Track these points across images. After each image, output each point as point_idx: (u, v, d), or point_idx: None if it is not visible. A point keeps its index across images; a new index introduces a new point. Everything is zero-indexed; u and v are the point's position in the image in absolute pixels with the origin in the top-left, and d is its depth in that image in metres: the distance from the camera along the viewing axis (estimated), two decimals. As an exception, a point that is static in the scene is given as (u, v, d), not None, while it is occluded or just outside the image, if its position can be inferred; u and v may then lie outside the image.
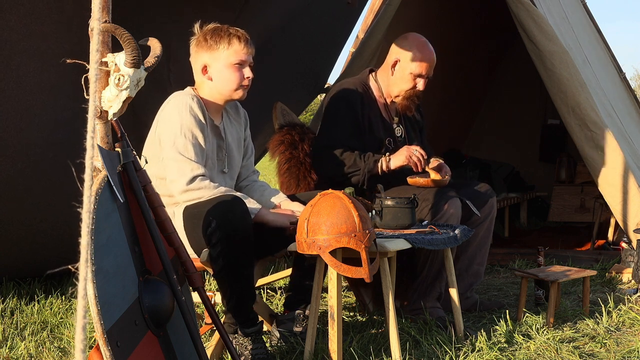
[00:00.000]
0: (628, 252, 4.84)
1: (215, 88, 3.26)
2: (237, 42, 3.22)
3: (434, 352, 3.22)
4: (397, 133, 4.06)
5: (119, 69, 2.26)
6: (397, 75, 3.96)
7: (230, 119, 3.42)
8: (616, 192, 4.83)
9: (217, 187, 3.10)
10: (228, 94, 3.27)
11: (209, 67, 3.24)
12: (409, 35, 4.00)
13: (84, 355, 1.48)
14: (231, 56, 3.22)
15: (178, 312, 2.49)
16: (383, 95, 4.05)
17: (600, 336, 3.49)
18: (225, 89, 3.26)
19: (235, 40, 3.22)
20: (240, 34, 3.24)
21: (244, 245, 2.97)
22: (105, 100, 2.28)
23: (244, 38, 3.24)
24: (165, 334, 2.43)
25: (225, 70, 3.23)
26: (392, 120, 4.07)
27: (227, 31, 3.24)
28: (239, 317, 3.07)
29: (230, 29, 3.25)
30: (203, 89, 3.28)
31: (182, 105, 3.14)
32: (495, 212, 4.06)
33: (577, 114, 4.90)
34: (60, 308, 4.08)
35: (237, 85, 3.26)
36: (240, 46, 3.22)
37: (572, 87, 4.89)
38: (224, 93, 3.27)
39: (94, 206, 2.13)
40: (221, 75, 3.23)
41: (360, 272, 2.90)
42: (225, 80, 3.24)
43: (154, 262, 2.47)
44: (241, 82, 3.26)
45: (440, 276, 3.79)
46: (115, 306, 2.18)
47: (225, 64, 3.22)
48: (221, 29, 3.26)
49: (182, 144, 3.09)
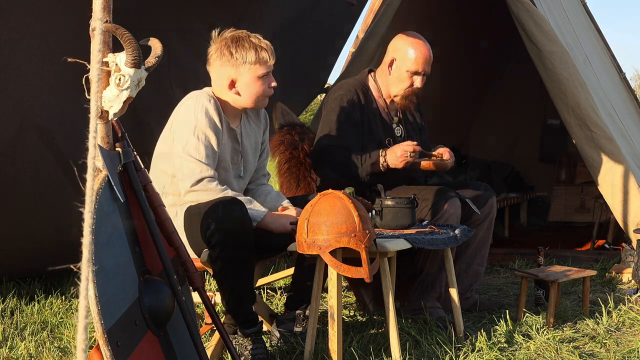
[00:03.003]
0: (628, 252, 4.84)
1: (242, 100, 3.25)
2: (265, 54, 3.19)
3: (434, 352, 3.23)
4: (397, 133, 4.06)
5: (119, 69, 2.26)
6: (394, 74, 3.97)
7: (249, 121, 3.41)
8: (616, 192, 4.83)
9: (224, 191, 3.09)
10: (254, 105, 3.27)
11: (237, 82, 3.21)
12: (403, 34, 4.02)
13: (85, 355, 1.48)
14: (259, 69, 3.20)
15: (178, 312, 2.49)
16: (382, 96, 4.06)
17: (600, 336, 3.49)
18: (252, 100, 3.25)
19: (263, 53, 3.19)
20: (264, 45, 3.20)
21: (243, 246, 2.97)
22: (105, 100, 2.28)
23: (268, 48, 3.21)
24: (165, 334, 2.43)
25: (252, 84, 3.21)
26: (391, 121, 4.07)
27: (251, 42, 3.19)
28: (238, 317, 3.07)
29: (252, 39, 3.20)
30: (225, 96, 3.25)
31: (198, 106, 3.14)
32: (495, 212, 4.06)
33: (577, 114, 4.90)
34: (60, 308, 4.08)
35: (264, 95, 3.26)
36: (266, 57, 3.20)
37: (572, 87, 4.89)
38: (250, 105, 3.27)
39: (95, 206, 2.13)
40: (249, 89, 3.22)
41: (360, 272, 2.90)
42: (253, 93, 3.22)
43: (154, 262, 2.47)
44: (267, 93, 3.26)
45: (440, 276, 3.79)
46: (115, 306, 2.18)
47: (253, 77, 3.20)
48: (244, 39, 3.19)
49: (194, 145, 3.09)
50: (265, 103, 3.31)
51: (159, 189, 2.90)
